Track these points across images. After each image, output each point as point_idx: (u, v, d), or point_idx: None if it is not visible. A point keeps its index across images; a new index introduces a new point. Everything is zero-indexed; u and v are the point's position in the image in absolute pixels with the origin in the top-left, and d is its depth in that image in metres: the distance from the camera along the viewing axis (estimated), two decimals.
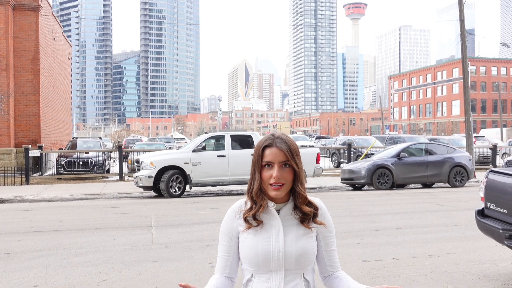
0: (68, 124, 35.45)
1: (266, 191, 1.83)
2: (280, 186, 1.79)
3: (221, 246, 1.92)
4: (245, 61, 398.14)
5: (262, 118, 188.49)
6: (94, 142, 24.07)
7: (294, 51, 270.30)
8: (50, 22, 25.58)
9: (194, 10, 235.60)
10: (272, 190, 1.80)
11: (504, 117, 73.27)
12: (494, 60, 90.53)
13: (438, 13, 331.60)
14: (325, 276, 1.96)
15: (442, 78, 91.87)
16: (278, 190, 1.79)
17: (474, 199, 11.95)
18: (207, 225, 8.95)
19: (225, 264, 1.90)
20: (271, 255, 1.80)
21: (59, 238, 7.86)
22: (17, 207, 11.99)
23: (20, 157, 20.25)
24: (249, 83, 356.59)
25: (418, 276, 5.57)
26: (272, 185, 1.79)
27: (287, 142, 1.82)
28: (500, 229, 5.13)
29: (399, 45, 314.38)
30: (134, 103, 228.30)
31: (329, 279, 1.95)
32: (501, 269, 5.86)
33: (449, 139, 27.31)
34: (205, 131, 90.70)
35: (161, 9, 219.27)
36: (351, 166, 16.08)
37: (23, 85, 21.73)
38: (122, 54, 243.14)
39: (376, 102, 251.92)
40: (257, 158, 1.83)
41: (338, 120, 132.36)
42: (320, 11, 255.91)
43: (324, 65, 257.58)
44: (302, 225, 1.85)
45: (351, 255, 6.42)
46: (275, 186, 1.79)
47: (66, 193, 14.41)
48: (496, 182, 5.49)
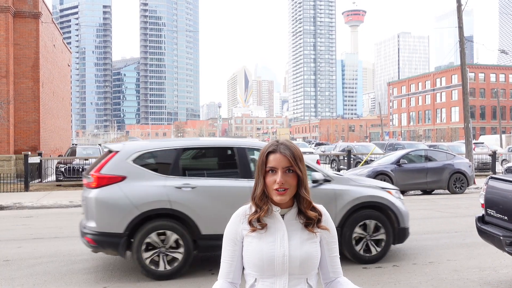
0: (68, 131, 35.46)
1: (270, 196, 1.85)
2: (284, 191, 1.82)
3: (225, 251, 1.93)
4: (245, 67, 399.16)
5: (262, 125, 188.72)
6: (93, 149, 24.06)
7: (293, 58, 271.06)
8: (50, 29, 25.65)
9: (193, 17, 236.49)
10: (277, 195, 1.82)
11: (503, 124, 73.38)
12: (493, 66, 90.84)
13: (437, 20, 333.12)
14: (327, 282, 1.98)
15: (441, 84, 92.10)
16: (282, 195, 1.82)
17: (474, 205, 11.95)
18: None
19: (229, 269, 1.91)
20: (276, 258, 1.81)
21: (58, 245, 7.84)
22: (17, 214, 11.96)
23: (19, 164, 20.23)
24: (249, 89, 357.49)
25: (419, 283, 5.55)
26: (276, 190, 1.82)
27: (291, 148, 1.85)
28: (501, 236, 5.12)
29: (398, 51, 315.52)
30: (134, 109, 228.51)
31: (331, 284, 1.97)
32: (502, 276, 5.85)
33: (449, 146, 27.33)
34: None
35: (160, 16, 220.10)
36: (350, 173, 16.07)
37: (23, 92, 21.75)
38: (121, 61, 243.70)
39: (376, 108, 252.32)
40: (261, 164, 1.85)
41: (337, 127, 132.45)
42: (319, 18, 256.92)
43: (323, 72, 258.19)
44: (306, 230, 1.87)
45: (351, 262, 6.40)
46: (279, 191, 1.81)
47: (65, 199, 14.37)
48: (496, 188, 5.50)
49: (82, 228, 5.98)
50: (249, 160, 6.29)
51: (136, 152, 6.00)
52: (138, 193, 5.71)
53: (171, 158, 6.11)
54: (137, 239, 5.66)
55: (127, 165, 5.86)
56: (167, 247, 5.72)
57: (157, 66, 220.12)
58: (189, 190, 5.84)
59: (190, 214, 5.77)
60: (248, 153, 6.33)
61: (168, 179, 5.88)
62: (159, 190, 5.77)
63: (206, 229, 5.80)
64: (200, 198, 5.86)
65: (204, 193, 5.90)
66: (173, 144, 6.40)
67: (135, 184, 5.77)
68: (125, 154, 5.95)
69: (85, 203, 5.93)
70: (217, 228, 5.50)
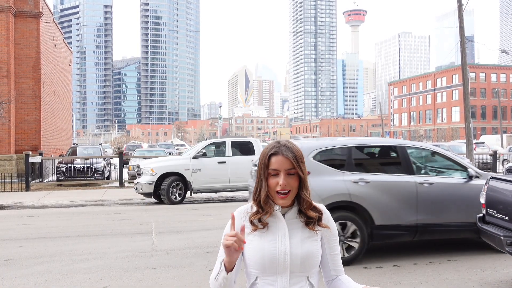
0: (69, 131, 35.47)
1: (273, 198, 1.86)
2: (286, 194, 1.83)
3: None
4: (245, 67, 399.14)
5: (262, 125, 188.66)
6: (94, 149, 24.08)
7: (294, 58, 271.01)
8: (51, 29, 25.67)
9: (194, 17, 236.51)
10: (280, 199, 1.84)
11: (504, 124, 73.33)
12: (493, 66, 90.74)
13: (438, 20, 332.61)
14: (328, 281, 1.99)
15: (442, 84, 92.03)
16: (284, 198, 1.83)
17: None
18: (208, 231, 8.93)
19: None
20: (277, 256, 1.83)
21: (59, 245, 7.85)
22: (18, 214, 11.97)
23: (20, 164, 20.25)
24: (249, 89, 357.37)
25: (420, 283, 5.56)
26: (278, 193, 1.83)
27: (293, 150, 1.86)
28: (502, 236, 5.12)
29: (399, 51, 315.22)
30: (134, 109, 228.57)
31: (332, 282, 1.98)
32: (502, 276, 5.85)
33: (449, 146, 27.30)
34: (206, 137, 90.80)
35: (161, 16, 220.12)
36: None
37: (24, 92, 21.78)
38: (122, 61, 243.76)
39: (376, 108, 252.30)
40: (263, 166, 1.86)
41: (338, 127, 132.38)
42: (320, 18, 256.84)
43: (324, 72, 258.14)
44: (307, 228, 1.89)
45: (352, 262, 6.41)
46: (281, 194, 1.82)
47: (66, 199, 14.40)
48: (497, 188, 5.50)
49: None
50: (409, 157, 6.97)
51: (315, 150, 6.66)
52: (323, 187, 6.35)
53: (345, 155, 6.82)
54: None
55: (308, 162, 6.36)
56: (346, 236, 6.32)
57: (157, 66, 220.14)
58: (363, 184, 6.51)
59: (366, 206, 6.40)
60: (407, 151, 7.00)
61: (345, 174, 6.55)
62: (340, 184, 6.43)
63: (378, 220, 6.44)
64: (373, 191, 6.49)
65: (376, 187, 6.53)
66: (345, 143, 7.02)
67: (318, 178, 6.37)
68: (305, 152, 6.46)
69: None
70: (388, 219, 6.42)
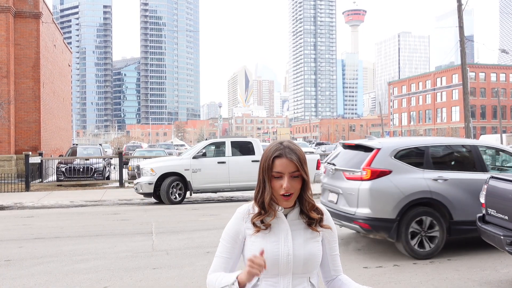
0: (68, 131, 35.46)
1: (277, 200, 1.86)
2: (289, 196, 1.84)
3: (222, 247, 1.91)
4: (245, 67, 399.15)
5: (262, 125, 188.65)
6: (94, 149, 24.06)
7: (293, 58, 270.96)
8: (50, 29, 25.66)
9: (194, 17, 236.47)
10: (284, 201, 1.85)
11: (503, 123, 73.37)
12: (493, 66, 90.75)
13: (437, 19, 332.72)
14: (328, 280, 2.00)
15: (441, 84, 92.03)
16: (288, 200, 1.84)
17: None
18: (208, 231, 8.93)
19: (225, 266, 1.89)
20: (280, 258, 1.82)
21: (59, 245, 7.84)
22: (17, 214, 11.97)
23: (20, 164, 20.24)
24: (249, 89, 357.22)
25: (420, 283, 5.56)
26: (282, 196, 1.83)
27: (296, 152, 1.86)
28: (501, 235, 5.13)
29: (399, 51, 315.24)
30: (134, 109, 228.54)
31: (332, 282, 1.99)
32: (502, 275, 5.85)
33: None
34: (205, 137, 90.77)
35: (161, 16, 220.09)
36: None
37: (24, 92, 21.76)
38: (122, 61, 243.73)
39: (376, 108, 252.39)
40: (267, 168, 1.85)
41: (338, 126, 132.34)
42: (319, 18, 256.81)
43: (323, 72, 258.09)
44: (309, 229, 1.89)
45: (352, 262, 6.41)
46: (285, 196, 1.83)
47: (66, 199, 14.39)
48: (497, 188, 5.50)
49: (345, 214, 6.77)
50: (481, 155, 7.34)
51: (395, 149, 6.95)
52: (405, 184, 6.63)
53: (423, 154, 7.09)
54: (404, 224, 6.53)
55: (390, 161, 6.80)
56: (425, 230, 6.62)
57: (157, 66, 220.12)
58: (442, 182, 6.79)
59: (445, 202, 6.69)
60: (480, 150, 7.38)
61: (425, 172, 6.83)
62: (421, 181, 6.71)
63: (456, 216, 6.71)
64: (451, 188, 6.78)
65: (454, 185, 6.82)
66: (423, 142, 7.32)
67: (400, 176, 6.71)
68: (387, 150, 6.89)
69: (350, 192, 6.79)
70: (465, 214, 6.67)
